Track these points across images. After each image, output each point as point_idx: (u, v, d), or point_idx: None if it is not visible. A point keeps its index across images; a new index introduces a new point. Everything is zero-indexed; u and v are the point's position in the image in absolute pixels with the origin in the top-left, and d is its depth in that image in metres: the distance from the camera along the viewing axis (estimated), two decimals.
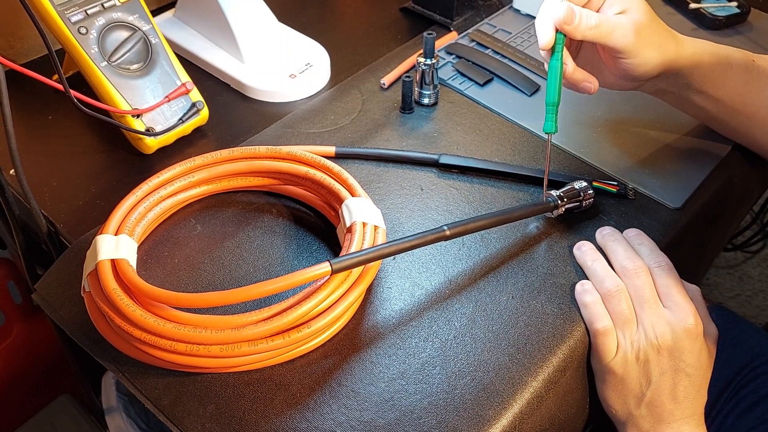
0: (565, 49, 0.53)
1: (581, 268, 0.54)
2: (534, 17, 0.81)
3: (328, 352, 0.48)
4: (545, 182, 0.56)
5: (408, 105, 0.67)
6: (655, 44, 0.54)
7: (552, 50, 0.53)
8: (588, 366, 0.52)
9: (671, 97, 0.61)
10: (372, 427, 0.44)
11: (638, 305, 0.50)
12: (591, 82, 0.55)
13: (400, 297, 0.51)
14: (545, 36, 0.53)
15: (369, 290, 0.52)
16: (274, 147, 0.57)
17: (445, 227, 0.49)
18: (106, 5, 0.59)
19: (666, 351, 0.48)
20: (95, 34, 0.58)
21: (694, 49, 0.57)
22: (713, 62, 0.58)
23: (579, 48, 0.59)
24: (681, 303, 0.49)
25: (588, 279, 0.52)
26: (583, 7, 0.53)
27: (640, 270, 0.51)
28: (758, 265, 1.41)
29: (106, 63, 0.59)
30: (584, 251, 0.54)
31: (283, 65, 0.71)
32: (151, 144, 0.61)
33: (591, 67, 0.58)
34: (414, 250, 0.53)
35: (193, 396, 0.45)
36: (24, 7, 0.47)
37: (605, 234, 0.55)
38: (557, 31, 0.53)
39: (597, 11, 0.54)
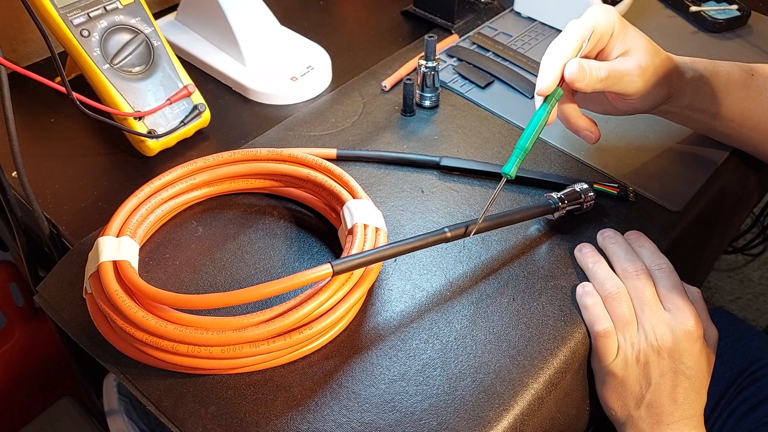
0: (557, 105, 0.53)
1: (582, 270, 0.54)
2: (535, 20, 0.82)
3: (329, 354, 0.48)
4: (479, 222, 0.51)
5: (409, 108, 0.67)
6: (660, 81, 0.55)
7: (545, 99, 0.52)
8: (589, 368, 0.52)
9: (673, 116, 0.61)
10: (373, 428, 0.44)
11: (639, 307, 0.50)
12: (593, 132, 0.55)
13: (401, 299, 0.51)
14: (545, 83, 0.51)
15: (370, 292, 0.52)
16: (276, 149, 0.57)
17: (446, 229, 0.49)
18: (108, 8, 0.59)
19: (666, 353, 0.49)
20: (97, 37, 0.59)
21: (694, 71, 0.58)
22: (713, 81, 0.58)
23: None
24: (681, 305, 0.50)
25: (589, 281, 0.52)
26: (591, 49, 0.53)
27: (640, 272, 0.51)
28: (759, 268, 1.41)
29: (108, 66, 0.59)
30: (585, 253, 0.54)
31: (284, 68, 0.72)
32: (153, 146, 0.61)
33: (594, 102, 0.59)
34: (415, 252, 0.53)
35: (194, 397, 0.45)
36: (27, 9, 0.47)
37: (606, 236, 0.55)
38: (560, 84, 0.52)
39: (602, 52, 0.55)
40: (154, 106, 0.60)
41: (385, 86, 0.71)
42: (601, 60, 0.54)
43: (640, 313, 0.50)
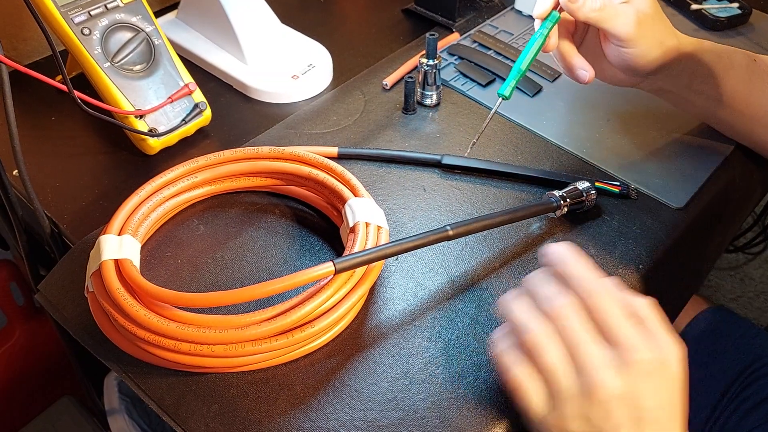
0: (554, 29, 0.55)
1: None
2: None
3: (331, 352, 0.48)
4: (472, 143, 0.57)
5: (410, 106, 0.67)
6: (656, 37, 0.54)
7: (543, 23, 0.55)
8: None
9: (672, 97, 0.61)
10: (375, 426, 0.44)
11: (571, 352, 0.39)
12: (586, 71, 0.56)
13: (403, 297, 0.51)
14: (541, 7, 0.54)
15: (372, 290, 0.52)
16: (277, 147, 0.57)
17: (448, 227, 0.49)
18: (109, 6, 0.59)
19: (617, 401, 0.38)
20: (98, 35, 0.58)
21: (695, 48, 0.57)
22: (714, 62, 0.58)
23: (584, 36, 0.60)
24: (627, 334, 0.39)
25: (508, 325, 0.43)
26: None
27: (568, 308, 0.40)
28: (760, 266, 1.41)
29: (109, 64, 0.59)
30: (506, 299, 0.43)
31: (285, 66, 0.72)
32: (154, 145, 0.61)
33: (593, 58, 0.58)
34: (417, 251, 0.52)
35: (196, 396, 0.45)
36: (28, 7, 0.47)
37: (528, 278, 0.44)
38: (557, 9, 0.54)
39: None
40: (155, 104, 0.60)
41: (386, 84, 0.71)
42: None
43: (575, 357, 0.39)
